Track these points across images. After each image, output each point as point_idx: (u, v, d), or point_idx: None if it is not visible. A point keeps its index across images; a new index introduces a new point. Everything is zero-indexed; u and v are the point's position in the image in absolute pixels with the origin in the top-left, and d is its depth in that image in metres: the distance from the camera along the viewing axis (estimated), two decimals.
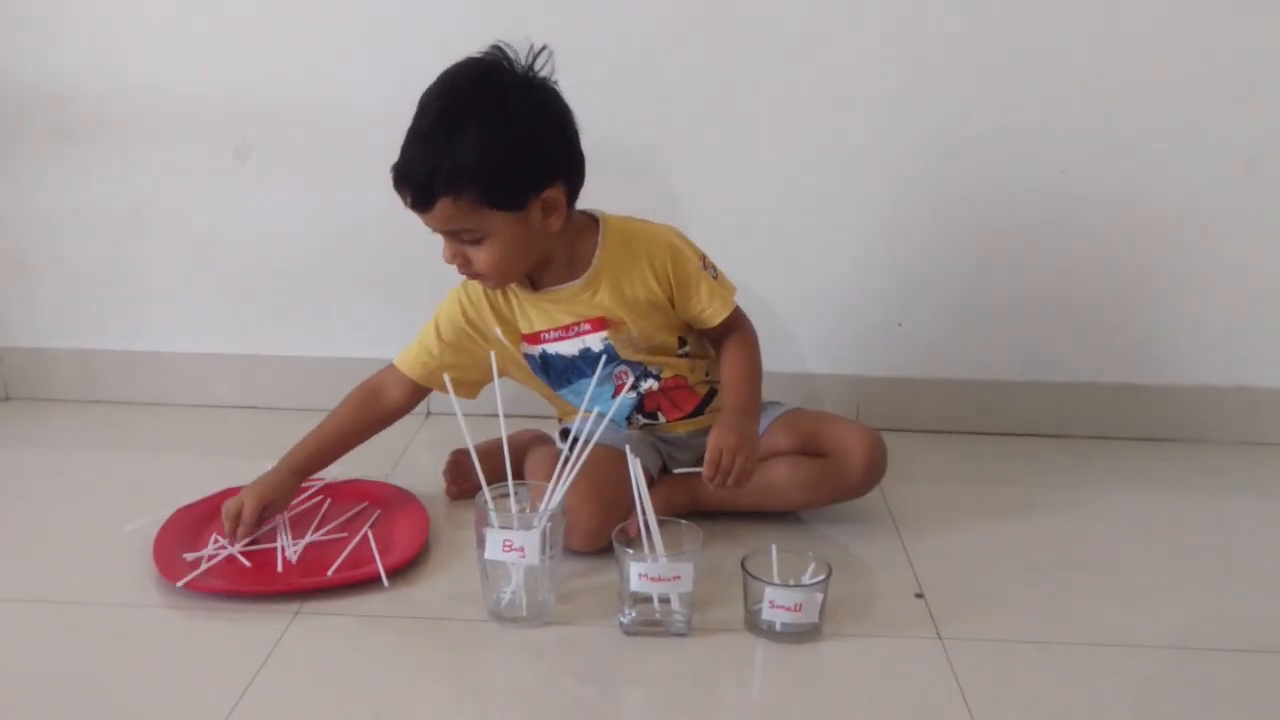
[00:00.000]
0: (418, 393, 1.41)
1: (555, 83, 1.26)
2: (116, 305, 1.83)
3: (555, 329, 1.36)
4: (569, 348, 1.37)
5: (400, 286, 1.78)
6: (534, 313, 1.37)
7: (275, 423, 1.77)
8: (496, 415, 1.23)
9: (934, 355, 1.76)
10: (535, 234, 1.26)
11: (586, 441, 1.20)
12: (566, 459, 1.20)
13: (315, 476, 1.41)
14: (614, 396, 1.37)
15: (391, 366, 1.42)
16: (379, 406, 1.41)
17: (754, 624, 1.16)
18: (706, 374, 1.44)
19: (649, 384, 1.40)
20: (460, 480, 1.48)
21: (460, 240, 1.26)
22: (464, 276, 1.33)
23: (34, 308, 1.84)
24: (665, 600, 1.15)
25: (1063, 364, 1.75)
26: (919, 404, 1.77)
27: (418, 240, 1.74)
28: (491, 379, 1.30)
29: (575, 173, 1.29)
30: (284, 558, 1.29)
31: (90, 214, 1.79)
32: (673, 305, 1.37)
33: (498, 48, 1.25)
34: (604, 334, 1.35)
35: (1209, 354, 1.73)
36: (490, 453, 1.26)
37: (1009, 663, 1.12)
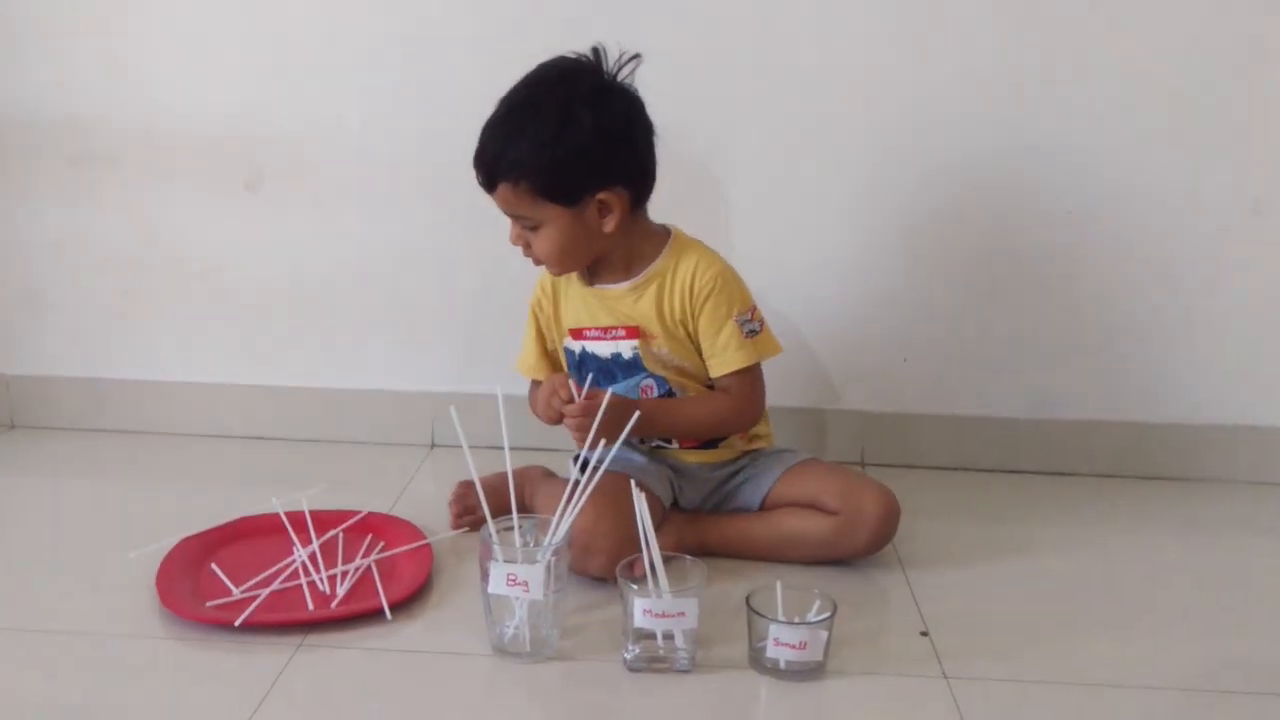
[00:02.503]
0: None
1: (635, 90, 1.32)
2: (124, 334, 1.83)
3: (596, 328, 1.40)
4: (604, 349, 1.40)
5: (410, 318, 1.78)
6: (580, 306, 1.40)
7: (282, 453, 1.78)
8: (501, 448, 1.23)
9: (939, 391, 1.76)
10: (591, 231, 1.32)
11: (596, 469, 1.21)
12: (575, 483, 1.20)
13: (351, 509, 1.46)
14: None
15: (531, 382, 1.48)
16: None
17: (758, 661, 1.15)
18: None
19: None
20: (465, 513, 1.48)
21: (522, 225, 1.32)
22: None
23: (42, 336, 1.85)
24: (669, 636, 1.14)
25: (1069, 402, 1.75)
26: (924, 440, 1.77)
27: (428, 271, 1.76)
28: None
29: (640, 179, 1.34)
30: (319, 590, 1.29)
31: (100, 243, 1.80)
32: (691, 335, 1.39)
33: (595, 50, 1.32)
34: (635, 343, 1.38)
35: (1216, 393, 1.73)
36: (495, 486, 1.26)
37: (1014, 702, 1.12)
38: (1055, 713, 1.10)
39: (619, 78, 1.32)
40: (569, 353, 1.43)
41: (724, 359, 1.37)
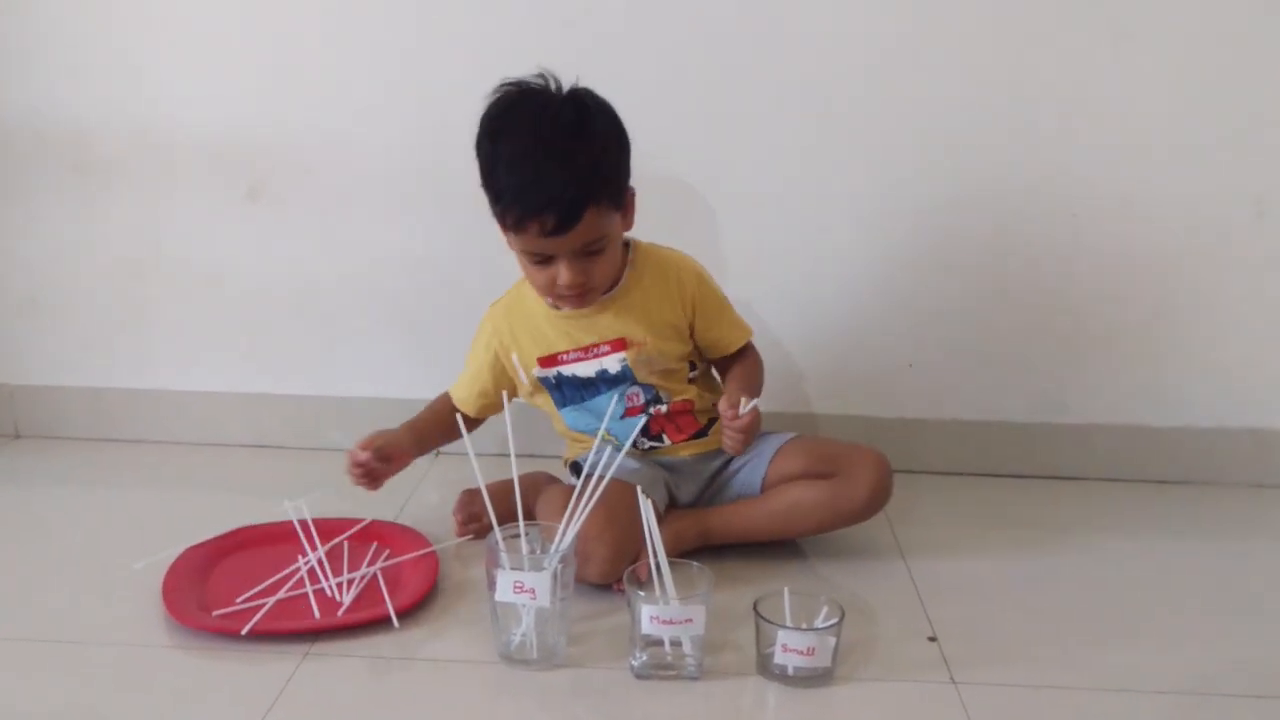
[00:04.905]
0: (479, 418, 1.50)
1: None
2: (128, 343, 1.83)
3: (575, 350, 1.39)
4: (586, 369, 1.39)
5: (413, 326, 1.78)
6: (554, 334, 1.39)
7: (285, 461, 1.78)
8: (506, 455, 1.23)
9: (944, 396, 1.76)
10: (622, 237, 1.35)
11: (600, 478, 1.21)
12: (580, 494, 1.20)
13: (356, 516, 1.47)
14: (624, 417, 1.40)
15: (447, 397, 1.50)
16: (454, 430, 1.41)
17: (766, 668, 1.15)
18: (712, 404, 1.46)
19: (658, 408, 1.42)
20: (470, 520, 1.48)
21: (583, 256, 1.29)
22: (553, 297, 1.35)
23: (46, 345, 1.85)
24: (677, 643, 1.14)
25: (1073, 405, 1.75)
26: (929, 445, 1.77)
27: (432, 278, 1.76)
28: (515, 394, 1.42)
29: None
30: (325, 598, 1.29)
31: (103, 252, 1.80)
32: (691, 333, 1.42)
33: (534, 79, 1.30)
34: (622, 355, 1.38)
35: (1220, 396, 1.73)
36: (500, 493, 1.26)
37: (1023, 708, 1.11)
38: (1064, 718, 1.10)
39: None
40: (544, 380, 1.42)
41: (734, 335, 1.44)
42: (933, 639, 1.24)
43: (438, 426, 1.46)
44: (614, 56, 1.65)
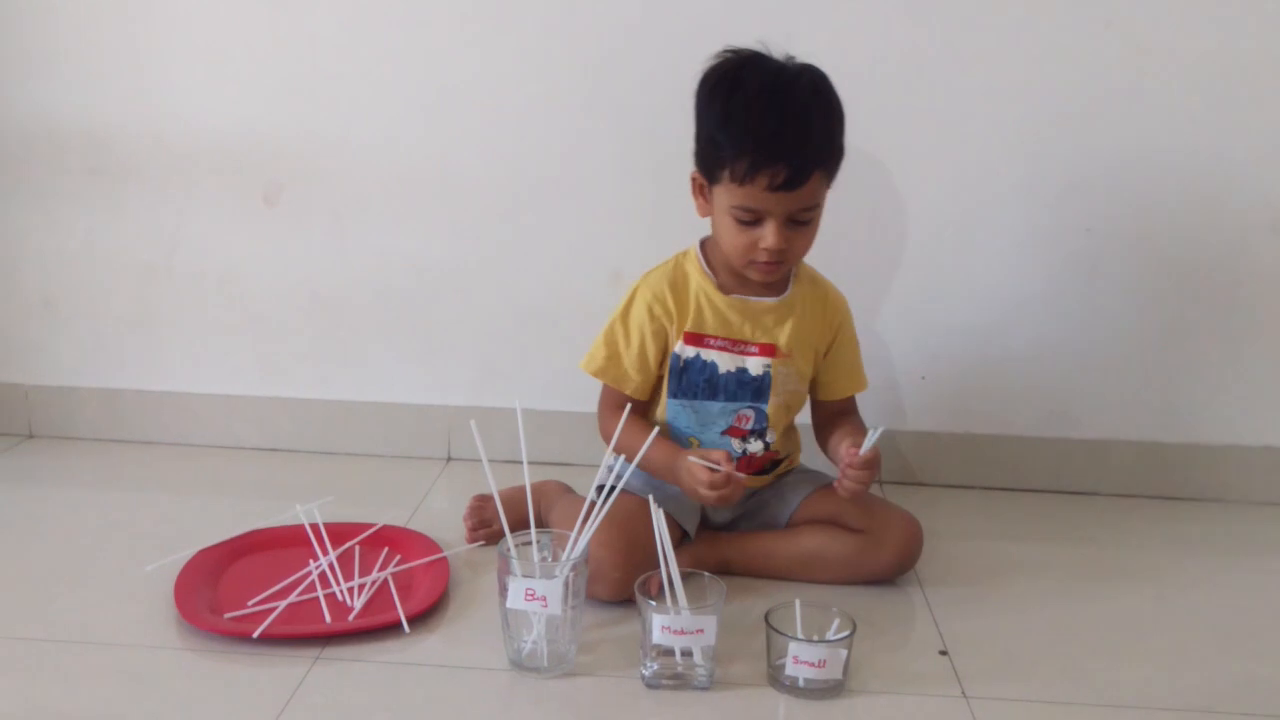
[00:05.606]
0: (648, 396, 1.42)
1: None
2: (141, 345, 1.84)
3: (724, 338, 1.36)
4: (727, 362, 1.36)
5: (426, 331, 1.79)
6: (710, 314, 1.36)
7: (296, 465, 1.78)
8: (518, 462, 1.23)
9: (957, 409, 1.75)
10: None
11: (613, 490, 1.20)
12: (593, 504, 1.20)
13: (367, 521, 1.47)
14: (724, 434, 1.38)
15: (616, 393, 1.39)
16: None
17: (777, 679, 1.15)
18: (787, 455, 1.45)
19: (757, 446, 1.40)
20: (480, 526, 1.48)
21: (792, 224, 1.28)
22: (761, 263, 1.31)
23: (60, 346, 1.85)
24: (687, 653, 1.14)
25: (1087, 421, 1.74)
26: (942, 458, 1.77)
27: (445, 284, 1.76)
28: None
29: None
30: (337, 603, 1.29)
31: (118, 254, 1.80)
32: (823, 357, 1.42)
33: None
34: (769, 361, 1.36)
35: (1235, 413, 1.72)
36: (512, 499, 1.26)
37: None
38: None
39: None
40: (674, 356, 1.37)
41: (853, 380, 1.45)
42: (944, 653, 1.24)
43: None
44: (617, 56, 1.65)
